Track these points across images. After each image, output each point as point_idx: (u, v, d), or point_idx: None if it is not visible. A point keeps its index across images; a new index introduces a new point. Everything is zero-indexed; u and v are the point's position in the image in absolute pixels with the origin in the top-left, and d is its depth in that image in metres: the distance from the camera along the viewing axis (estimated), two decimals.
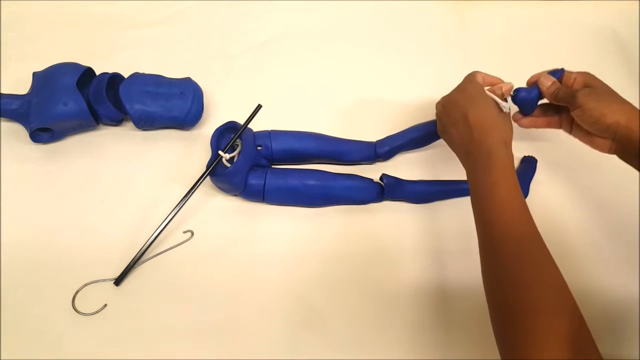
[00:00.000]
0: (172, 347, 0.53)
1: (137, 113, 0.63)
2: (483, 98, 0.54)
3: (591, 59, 0.79)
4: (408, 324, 0.56)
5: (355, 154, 0.65)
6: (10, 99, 0.63)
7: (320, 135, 0.65)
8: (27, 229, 0.59)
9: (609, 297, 0.58)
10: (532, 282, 0.43)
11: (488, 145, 0.50)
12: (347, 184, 0.61)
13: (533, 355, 0.39)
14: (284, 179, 0.60)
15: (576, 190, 0.66)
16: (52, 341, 0.53)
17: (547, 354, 0.38)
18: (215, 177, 0.59)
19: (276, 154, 0.63)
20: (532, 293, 0.42)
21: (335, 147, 0.65)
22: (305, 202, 0.62)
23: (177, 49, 0.77)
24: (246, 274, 0.58)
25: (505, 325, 0.43)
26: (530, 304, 0.41)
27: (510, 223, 0.46)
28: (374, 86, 0.75)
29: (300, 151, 0.63)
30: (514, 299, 0.42)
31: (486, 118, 0.52)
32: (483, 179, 0.49)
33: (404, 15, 0.84)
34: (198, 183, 0.57)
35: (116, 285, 0.56)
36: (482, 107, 0.53)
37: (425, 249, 0.61)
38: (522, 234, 0.46)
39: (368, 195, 0.62)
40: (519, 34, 0.82)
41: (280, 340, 0.54)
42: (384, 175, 0.62)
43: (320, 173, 0.62)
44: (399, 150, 0.66)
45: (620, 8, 0.85)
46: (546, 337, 0.39)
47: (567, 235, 0.63)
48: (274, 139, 0.63)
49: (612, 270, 0.60)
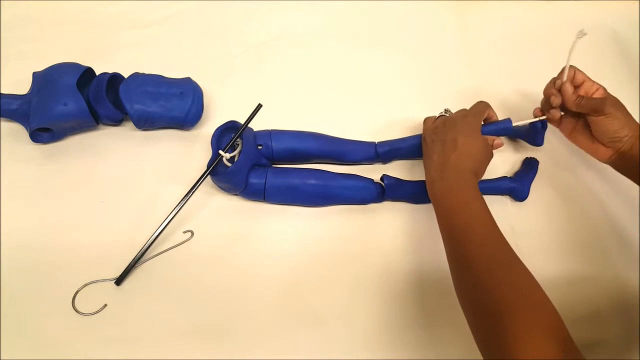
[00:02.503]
0: (172, 347, 0.53)
1: (137, 113, 0.63)
2: (477, 134, 0.58)
3: (591, 59, 0.79)
4: (408, 323, 0.56)
5: (356, 154, 0.65)
6: (10, 99, 0.63)
7: (321, 135, 0.65)
8: (27, 229, 0.59)
9: (609, 297, 0.58)
10: (504, 282, 0.45)
11: (463, 169, 0.55)
12: (347, 184, 0.61)
13: (520, 349, 0.39)
14: (284, 178, 0.60)
15: (576, 191, 0.66)
16: (52, 341, 0.53)
17: (532, 347, 0.39)
18: (217, 176, 0.59)
19: (277, 153, 0.63)
20: (506, 292, 0.44)
21: (336, 146, 0.65)
22: (305, 201, 0.62)
23: (177, 49, 0.77)
24: (246, 274, 0.58)
25: (486, 327, 0.44)
26: (507, 303, 0.43)
27: (481, 233, 0.49)
28: (373, 86, 0.75)
29: (300, 151, 0.63)
30: (490, 301, 0.44)
31: (471, 150, 0.56)
32: (454, 195, 0.53)
33: (404, 15, 0.83)
34: (198, 183, 0.57)
35: (117, 285, 0.56)
36: (474, 140, 0.57)
37: (425, 249, 0.61)
38: (492, 242, 0.48)
39: (368, 195, 0.62)
40: (519, 34, 0.82)
41: (280, 340, 0.54)
42: (385, 175, 0.62)
43: (321, 172, 0.62)
44: (398, 154, 0.66)
45: (620, 8, 0.85)
46: (529, 331, 0.40)
47: (567, 235, 0.63)
48: (275, 138, 0.63)
49: (613, 269, 0.60)
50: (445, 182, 0.54)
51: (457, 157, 0.55)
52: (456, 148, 0.56)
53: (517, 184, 0.63)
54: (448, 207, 0.53)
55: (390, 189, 0.62)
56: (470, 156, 0.56)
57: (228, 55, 0.77)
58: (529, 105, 0.73)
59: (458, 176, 0.54)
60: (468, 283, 0.47)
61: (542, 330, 0.41)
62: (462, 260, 0.48)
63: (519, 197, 0.64)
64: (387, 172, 0.63)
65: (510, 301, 0.43)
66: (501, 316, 0.42)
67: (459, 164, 0.55)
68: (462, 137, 0.56)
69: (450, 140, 0.57)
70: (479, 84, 0.75)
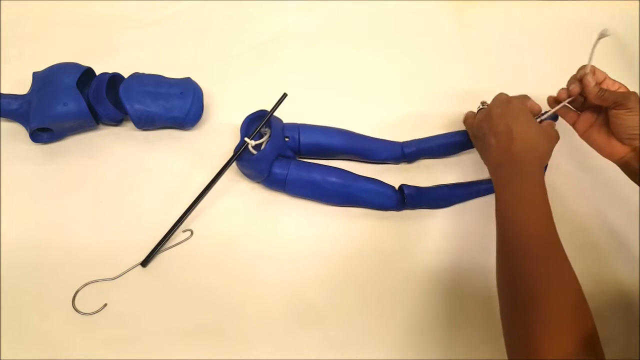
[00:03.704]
0: (172, 347, 0.53)
1: (137, 113, 0.63)
2: (528, 116, 0.56)
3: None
4: (408, 324, 0.56)
5: (382, 153, 0.65)
6: (10, 99, 0.63)
7: (348, 132, 0.65)
8: (27, 229, 0.59)
9: (609, 297, 0.58)
10: (544, 275, 0.45)
11: (525, 161, 0.53)
12: (368, 187, 0.61)
13: (547, 344, 0.40)
14: (306, 172, 0.60)
15: (576, 191, 0.66)
16: (52, 341, 0.53)
17: (560, 343, 0.40)
18: (242, 162, 0.60)
19: (303, 146, 0.63)
20: (544, 284, 0.44)
21: (363, 144, 0.65)
22: (324, 198, 0.62)
23: (177, 49, 0.77)
24: (246, 273, 0.58)
25: (513, 314, 0.45)
26: (540, 294, 0.43)
27: (535, 224, 0.48)
28: (373, 86, 0.75)
29: (327, 146, 0.64)
30: (525, 290, 0.44)
31: (530, 136, 0.54)
32: (514, 189, 0.51)
33: (404, 15, 0.83)
34: (226, 167, 0.59)
35: (143, 267, 0.57)
36: (528, 124, 0.55)
37: (425, 249, 0.61)
38: (544, 235, 0.48)
39: (388, 202, 0.62)
40: (519, 34, 0.82)
41: (280, 339, 0.54)
42: (404, 185, 0.62)
43: (344, 172, 0.62)
44: (424, 154, 0.66)
45: (620, 8, 0.85)
46: (553, 323, 0.41)
47: (567, 235, 0.63)
48: (303, 132, 0.63)
49: (613, 269, 0.60)
50: (509, 177, 0.53)
51: (518, 148, 0.53)
52: (513, 138, 0.53)
53: None
54: (507, 200, 0.51)
55: (411, 199, 0.61)
56: (530, 143, 0.53)
57: (228, 55, 0.77)
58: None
59: (520, 169, 0.52)
60: (510, 269, 0.47)
61: (569, 327, 0.41)
62: (509, 248, 0.48)
63: None
64: (406, 171, 0.63)
65: (544, 293, 0.43)
66: (532, 306, 0.43)
67: (521, 154, 0.53)
68: (516, 125, 0.54)
69: (505, 131, 0.54)
70: (479, 83, 0.75)
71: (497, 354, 0.49)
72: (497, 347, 0.47)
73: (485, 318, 0.54)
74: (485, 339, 0.54)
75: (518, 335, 0.43)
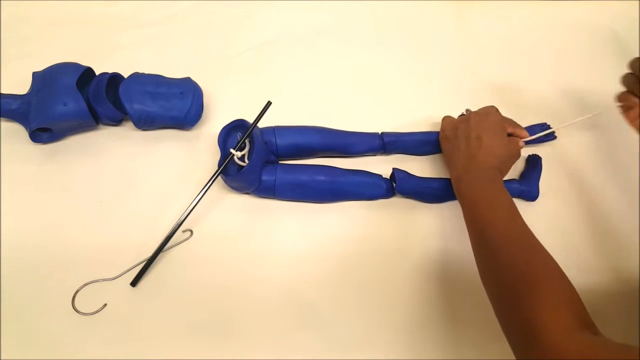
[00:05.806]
0: (172, 347, 0.53)
1: (136, 113, 0.63)
2: (501, 132, 0.60)
3: (591, 59, 0.79)
4: (408, 323, 0.56)
5: (360, 146, 0.65)
6: (10, 99, 0.63)
7: (324, 129, 0.65)
8: (27, 229, 0.59)
9: (609, 297, 0.58)
10: (524, 260, 0.47)
11: (489, 167, 0.56)
12: (356, 180, 0.62)
13: (542, 321, 0.41)
14: (294, 174, 0.60)
15: (576, 191, 0.66)
16: (52, 341, 0.53)
17: (553, 319, 0.41)
18: (229, 176, 0.59)
19: (281, 149, 0.63)
20: (526, 268, 0.46)
21: (340, 139, 0.65)
22: (314, 197, 0.62)
23: (177, 49, 0.77)
24: (246, 273, 0.58)
25: (507, 303, 0.46)
26: (526, 278, 0.45)
27: (503, 218, 0.51)
28: (373, 86, 0.75)
29: (304, 145, 0.63)
30: (510, 278, 0.46)
31: (495, 148, 0.58)
32: (479, 189, 0.54)
33: (404, 14, 0.84)
34: (210, 182, 0.57)
35: (133, 287, 0.56)
36: (497, 138, 0.59)
37: (426, 248, 0.61)
38: (513, 225, 0.50)
39: (378, 191, 0.62)
40: (519, 34, 0.82)
41: (280, 339, 0.54)
42: (395, 169, 0.62)
43: (330, 169, 0.62)
44: (403, 146, 0.66)
45: (619, 8, 0.85)
46: (550, 303, 0.42)
47: (567, 235, 0.63)
48: (279, 134, 0.63)
49: (612, 269, 0.60)
50: (471, 179, 0.56)
51: (483, 155, 0.57)
52: (481, 146, 0.57)
53: (525, 186, 0.63)
54: (473, 200, 0.54)
55: (401, 182, 0.61)
56: (496, 154, 0.57)
57: (228, 55, 0.77)
58: (530, 104, 0.73)
59: (484, 174, 0.56)
60: (489, 263, 0.49)
61: (562, 303, 0.43)
62: (484, 243, 0.50)
63: (529, 198, 0.64)
64: (390, 168, 0.63)
65: (530, 277, 0.44)
66: (522, 291, 0.44)
67: (485, 161, 0.57)
68: (486, 135, 0.58)
69: (475, 138, 0.58)
70: (479, 83, 0.75)
71: (500, 354, 0.49)
72: (499, 347, 0.47)
73: (486, 316, 0.54)
74: (487, 339, 0.54)
75: (516, 323, 0.44)
